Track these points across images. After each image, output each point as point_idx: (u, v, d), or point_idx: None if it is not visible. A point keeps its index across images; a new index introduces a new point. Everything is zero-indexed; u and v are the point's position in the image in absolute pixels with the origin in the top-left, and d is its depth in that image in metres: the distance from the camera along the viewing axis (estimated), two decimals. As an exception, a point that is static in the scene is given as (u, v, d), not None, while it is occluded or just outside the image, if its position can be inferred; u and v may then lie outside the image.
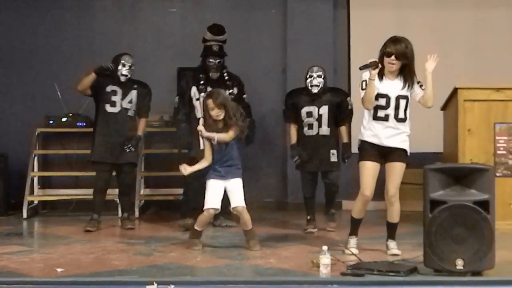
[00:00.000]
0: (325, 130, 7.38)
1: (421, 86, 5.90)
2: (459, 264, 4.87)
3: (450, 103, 7.57)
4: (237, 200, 6.26)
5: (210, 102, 6.22)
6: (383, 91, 5.84)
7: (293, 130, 7.55)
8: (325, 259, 5.01)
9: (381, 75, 5.84)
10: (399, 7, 9.62)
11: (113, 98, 7.69)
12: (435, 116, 8.02)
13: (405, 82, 5.88)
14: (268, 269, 5.42)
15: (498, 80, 7.55)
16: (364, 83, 5.86)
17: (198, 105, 7.52)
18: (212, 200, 6.24)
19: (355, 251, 5.90)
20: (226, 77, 7.72)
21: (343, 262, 5.33)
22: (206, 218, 6.33)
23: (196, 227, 6.36)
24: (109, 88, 7.70)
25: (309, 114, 7.37)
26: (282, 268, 5.42)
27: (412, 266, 5.16)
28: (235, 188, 6.27)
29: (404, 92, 5.87)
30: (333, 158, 7.40)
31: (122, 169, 7.77)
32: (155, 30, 9.80)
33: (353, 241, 6.05)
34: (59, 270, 5.33)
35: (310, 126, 7.38)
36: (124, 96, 7.71)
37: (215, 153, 6.27)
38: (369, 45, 6.08)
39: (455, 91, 7.34)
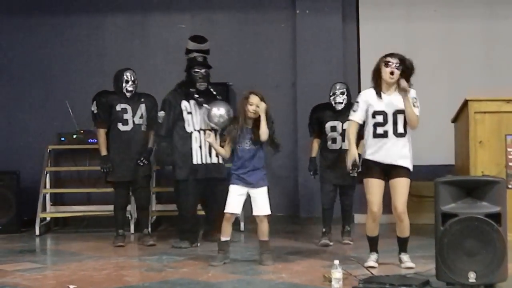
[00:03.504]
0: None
1: (414, 104, 5.88)
2: (472, 277, 4.85)
3: (461, 115, 7.55)
4: (261, 209, 6.25)
5: (254, 97, 6.23)
6: (379, 108, 5.87)
7: (315, 144, 7.67)
8: (337, 273, 5.01)
9: (379, 94, 5.88)
10: (409, 20, 9.62)
11: (125, 116, 7.65)
12: (446, 128, 8.01)
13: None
14: (280, 284, 5.42)
15: (509, 92, 7.52)
16: (357, 105, 5.98)
17: (190, 118, 7.42)
18: (232, 205, 6.23)
19: (373, 264, 5.92)
20: (214, 92, 7.60)
21: (355, 276, 5.31)
22: (227, 225, 6.29)
23: (222, 239, 6.33)
24: (118, 107, 7.66)
25: (333, 129, 7.49)
26: (294, 283, 5.41)
27: (424, 279, 5.15)
28: (260, 196, 6.26)
29: (403, 106, 5.85)
30: (353, 173, 7.34)
31: (137, 183, 7.73)
32: (165, 46, 9.84)
33: (373, 256, 6.05)
34: (71, 287, 5.35)
35: (334, 140, 7.49)
36: (134, 112, 7.68)
37: (240, 157, 6.27)
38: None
39: (465, 103, 7.32)
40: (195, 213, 7.60)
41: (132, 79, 7.71)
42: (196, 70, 7.53)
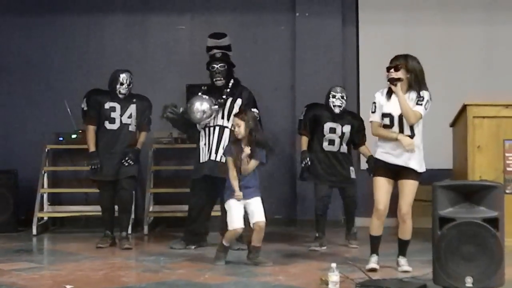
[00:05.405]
0: (345, 148, 7.57)
1: (417, 101, 5.84)
2: (469, 281, 4.85)
3: (459, 119, 7.57)
4: (260, 216, 6.33)
5: (236, 119, 6.40)
6: (387, 110, 5.89)
7: (304, 139, 7.60)
8: (333, 276, 5.01)
9: (389, 95, 5.88)
10: (408, 25, 9.62)
11: (112, 114, 7.60)
12: (445, 133, 8.01)
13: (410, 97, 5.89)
14: (277, 286, 5.42)
15: (507, 97, 7.54)
16: (374, 105, 5.95)
17: None
18: (237, 220, 6.31)
19: (374, 266, 5.92)
20: (230, 86, 7.49)
21: (352, 279, 5.32)
22: (233, 236, 6.41)
23: (224, 243, 6.42)
24: (107, 105, 7.61)
25: (332, 130, 7.49)
26: (290, 285, 5.41)
27: (421, 283, 5.16)
28: (256, 205, 6.35)
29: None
30: (353, 175, 7.60)
31: (120, 184, 7.61)
32: (164, 47, 9.84)
33: (373, 259, 6.03)
34: (68, 287, 5.35)
35: (332, 142, 7.49)
36: (123, 111, 7.62)
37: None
38: (378, 62, 6.09)
39: (464, 107, 7.33)
40: (203, 213, 7.48)
41: (128, 82, 7.64)
42: (213, 65, 7.49)
